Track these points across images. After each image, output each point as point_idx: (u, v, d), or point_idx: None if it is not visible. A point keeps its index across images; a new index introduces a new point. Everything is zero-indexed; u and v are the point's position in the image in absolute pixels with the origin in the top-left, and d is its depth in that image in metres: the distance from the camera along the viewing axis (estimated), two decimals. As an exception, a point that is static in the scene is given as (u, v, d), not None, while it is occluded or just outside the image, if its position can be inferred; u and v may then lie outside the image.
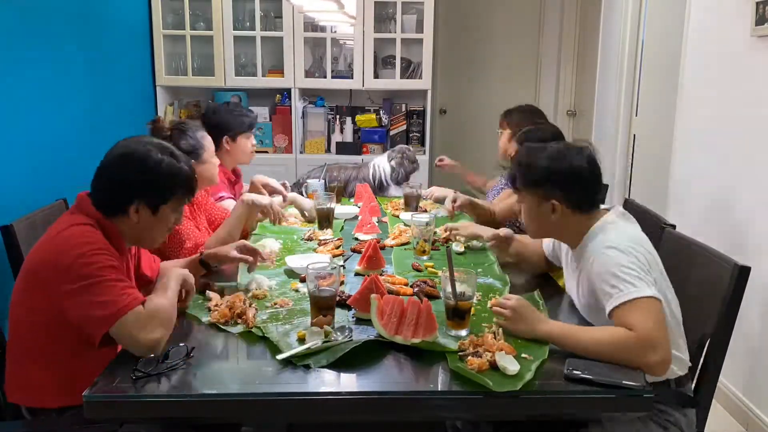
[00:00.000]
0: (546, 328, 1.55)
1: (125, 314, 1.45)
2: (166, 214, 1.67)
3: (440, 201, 2.97)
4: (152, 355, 1.40)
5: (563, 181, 1.68)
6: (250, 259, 1.93)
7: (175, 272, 1.70)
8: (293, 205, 2.77)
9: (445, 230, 2.40)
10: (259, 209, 2.37)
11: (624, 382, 1.37)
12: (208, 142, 2.37)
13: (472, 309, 1.63)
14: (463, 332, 1.57)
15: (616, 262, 1.56)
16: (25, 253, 2.04)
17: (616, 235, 1.64)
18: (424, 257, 2.21)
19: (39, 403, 1.61)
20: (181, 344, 1.45)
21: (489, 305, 1.68)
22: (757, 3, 2.53)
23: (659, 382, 1.65)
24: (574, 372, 1.39)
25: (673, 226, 2.18)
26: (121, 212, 1.62)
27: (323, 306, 1.61)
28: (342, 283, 1.79)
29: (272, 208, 2.39)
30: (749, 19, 2.59)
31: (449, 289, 1.57)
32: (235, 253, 1.92)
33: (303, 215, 2.73)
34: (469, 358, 1.42)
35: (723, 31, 2.87)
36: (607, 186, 1.76)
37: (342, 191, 3.16)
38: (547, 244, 2.06)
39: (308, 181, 3.02)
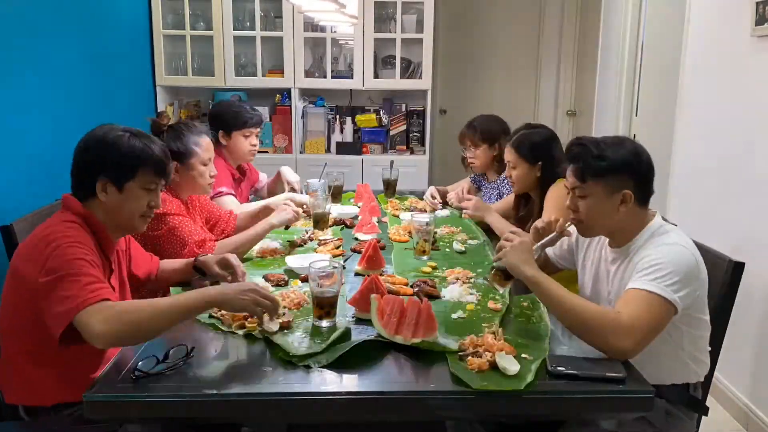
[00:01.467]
0: (532, 272, 1.57)
1: (85, 308, 1.40)
2: (134, 191, 1.66)
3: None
4: (152, 355, 1.40)
5: (638, 170, 1.66)
6: (228, 277, 1.91)
7: (210, 292, 1.54)
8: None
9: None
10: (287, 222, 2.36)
11: (607, 374, 1.39)
12: (202, 149, 2.28)
13: None
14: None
15: (676, 258, 1.56)
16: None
17: (683, 237, 1.65)
18: (425, 257, 2.21)
19: (36, 401, 1.61)
20: (181, 344, 1.45)
21: (500, 244, 1.70)
22: (757, 3, 2.53)
23: (678, 384, 1.69)
24: (558, 368, 1.40)
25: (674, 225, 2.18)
26: (90, 194, 1.63)
27: (325, 304, 1.61)
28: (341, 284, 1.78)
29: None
30: (749, 19, 2.59)
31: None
32: (216, 269, 1.92)
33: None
34: (469, 358, 1.42)
35: (723, 31, 2.87)
36: None
37: (340, 191, 3.16)
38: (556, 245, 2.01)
39: (308, 180, 3.03)
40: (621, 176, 1.65)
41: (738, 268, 1.73)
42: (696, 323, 1.67)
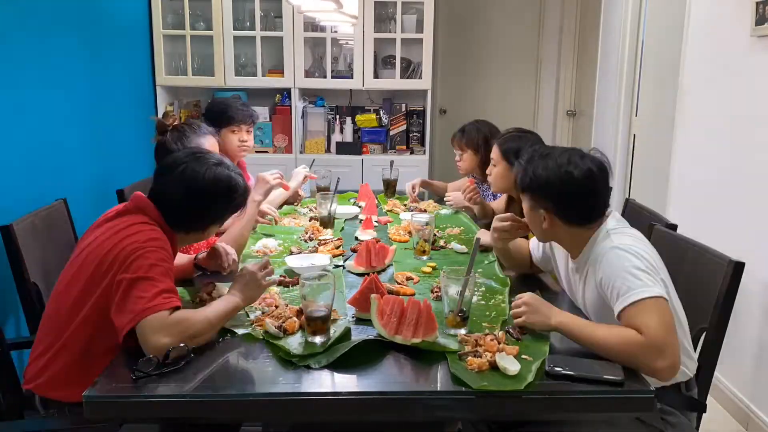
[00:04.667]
0: (559, 319, 1.55)
1: (148, 316, 1.44)
2: (212, 230, 1.81)
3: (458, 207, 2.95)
4: (152, 356, 1.41)
5: (559, 192, 1.64)
6: (225, 265, 1.98)
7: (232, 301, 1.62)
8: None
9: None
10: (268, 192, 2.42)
11: (604, 376, 1.38)
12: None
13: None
14: (463, 330, 1.57)
15: (623, 263, 1.54)
16: (26, 254, 2.05)
17: (619, 239, 1.62)
18: (424, 257, 2.21)
19: (59, 396, 1.61)
20: (181, 344, 1.45)
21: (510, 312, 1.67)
22: (757, 3, 2.53)
23: (669, 386, 1.66)
24: (555, 368, 1.40)
25: (675, 227, 2.18)
26: (197, 230, 1.75)
27: (317, 323, 1.53)
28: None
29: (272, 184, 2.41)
30: (749, 19, 2.59)
31: (453, 289, 1.56)
32: (207, 261, 2.00)
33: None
34: (469, 358, 1.42)
35: (723, 31, 2.87)
36: (610, 190, 1.72)
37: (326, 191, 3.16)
38: (535, 247, 2.03)
39: (294, 170, 3.07)
40: (540, 195, 1.67)
41: (738, 268, 1.73)
42: (673, 312, 1.64)
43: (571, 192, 1.64)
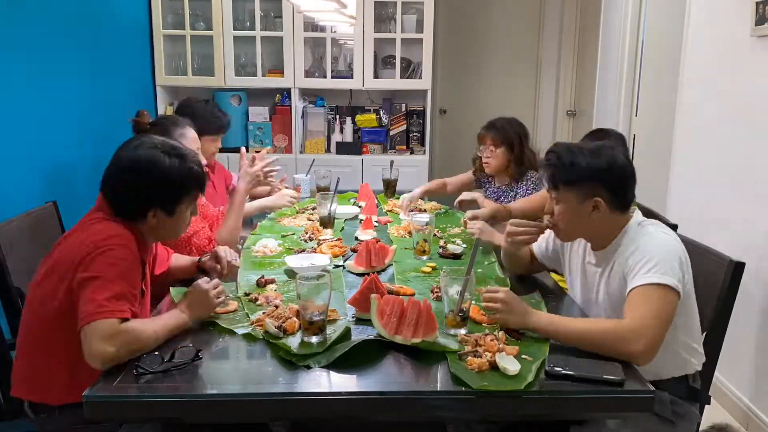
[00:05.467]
0: (534, 319, 1.58)
1: (96, 321, 1.41)
2: (182, 212, 1.71)
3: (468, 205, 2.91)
4: (156, 353, 1.41)
5: (608, 178, 1.67)
6: (223, 270, 1.96)
7: (193, 302, 1.63)
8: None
9: (465, 221, 2.42)
10: (254, 181, 2.49)
11: (604, 376, 1.38)
12: (189, 141, 2.31)
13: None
14: (463, 330, 1.57)
15: (667, 246, 1.60)
16: (9, 257, 2.02)
17: (659, 227, 1.68)
18: (424, 257, 2.21)
19: (44, 399, 1.61)
20: (189, 345, 1.45)
21: (481, 297, 1.67)
22: (757, 3, 2.53)
23: (678, 377, 1.70)
24: (555, 368, 1.40)
25: (675, 227, 2.18)
26: (139, 218, 1.66)
27: (314, 325, 1.52)
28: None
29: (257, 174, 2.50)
30: (749, 19, 2.59)
31: (453, 289, 1.56)
32: (209, 264, 1.99)
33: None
34: (469, 358, 1.42)
35: (723, 31, 2.87)
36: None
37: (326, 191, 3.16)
38: (540, 245, 2.03)
39: (294, 176, 3.06)
40: (591, 184, 1.67)
41: (738, 268, 1.73)
42: (688, 311, 1.68)
43: (623, 176, 1.69)
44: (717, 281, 1.75)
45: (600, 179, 1.67)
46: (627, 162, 1.72)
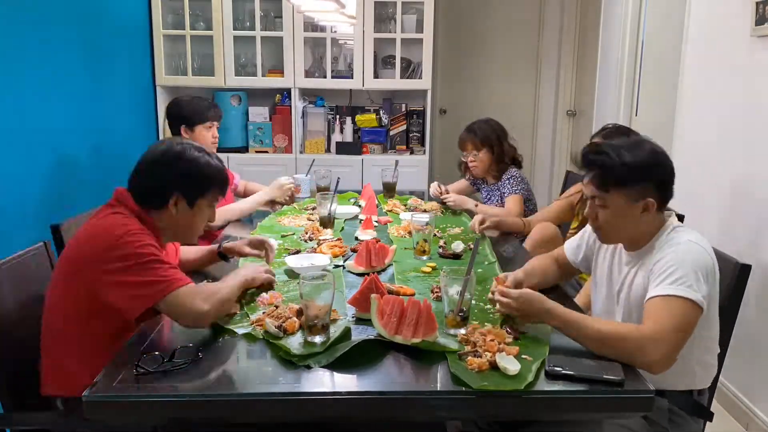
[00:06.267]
0: (555, 316, 1.53)
1: (175, 290, 1.52)
2: (202, 208, 1.76)
3: (459, 209, 2.95)
4: (156, 353, 1.41)
5: (657, 175, 1.62)
6: (261, 253, 2.05)
7: (240, 274, 1.76)
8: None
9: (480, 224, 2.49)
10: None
11: (604, 376, 1.38)
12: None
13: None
14: (463, 330, 1.57)
15: (695, 256, 1.55)
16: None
17: (694, 235, 1.63)
18: (424, 257, 2.21)
19: (74, 392, 1.61)
20: (189, 345, 1.45)
21: (491, 294, 1.67)
22: (757, 3, 2.53)
23: (683, 390, 1.67)
24: (555, 368, 1.39)
25: (682, 217, 2.20)
26: (160, 205, 1.70)
27: (317, 326, 1.52)
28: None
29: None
30: (749, 19, 2.59)
31: (453, 289, 1.56)
32: (248, 249, 2.06)
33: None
34: (469, 358, 1.42)
35: (723, 31, 2.87)
36: None
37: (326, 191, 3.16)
38: (574, 249, 1.96)
39: (294, 176, 3.06)
40: (643, 184, 1.60)
41: (744, 270, 1.72)
42: (708, 324, 1.64)
43: (670, 171, 1.66)
44: (723, 284, 1.72)
45: (651, 178, 1.61)
46: (666, 155, 1.66)
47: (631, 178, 1.60)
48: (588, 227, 1.85)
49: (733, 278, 1.71)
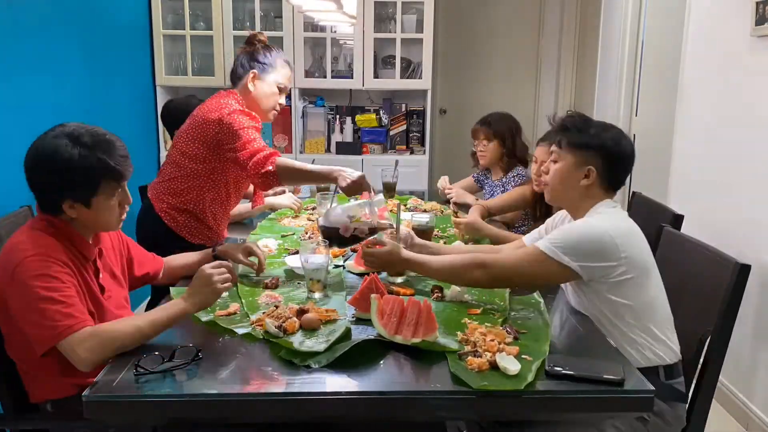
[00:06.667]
0: (405, 260, 1.84)
1: (66, 337, 1.44)
2: (101, 202, 1.59)
3: (459, 201, 2.97)
4: (156, 353, 1.41)
5: (608, 153, 1.77)
6: (255, 265, 1.98)
7: (188, 302, 1.56)
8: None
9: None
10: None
11: (604, 376, 1.38)
12: (280, 75, 2.40)
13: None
14: (399, 279, 1.91)
15: (583, 230, 1.71)
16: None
17: (605, 215, 1.75)
18: (424, 257, 2.21)
19: (63, 393, 1.62)
20: (189, 345, 1.45)
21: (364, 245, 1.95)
22: (757, 3, 2.53)
23: (648, 367, 1.68)
24: (555, 368, 1.39)
25: (681, 217, 2.27)
26: (58, 212, 1.58)
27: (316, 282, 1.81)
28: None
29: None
30: (749, 19, 2.59)
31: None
32: (240, 257, 1.98)
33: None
34: (469, 358, 1.42)
35: (723, 31, 2.87)
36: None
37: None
38: (534, 237, 2.03)
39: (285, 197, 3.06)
40: (592, 153, 1.77)
41: (744, 270, 1.72)
42: (641, 297, 1.69)
43: (622, 156, 1.79)
44: (721, 283, 1.73)
45: (600, 151, 1.76)
46: (630, 148, 1.81)
47: (585, 143, 1.78)
48: (545, 223, 2.08)
49: (733, 278, 1.71)
